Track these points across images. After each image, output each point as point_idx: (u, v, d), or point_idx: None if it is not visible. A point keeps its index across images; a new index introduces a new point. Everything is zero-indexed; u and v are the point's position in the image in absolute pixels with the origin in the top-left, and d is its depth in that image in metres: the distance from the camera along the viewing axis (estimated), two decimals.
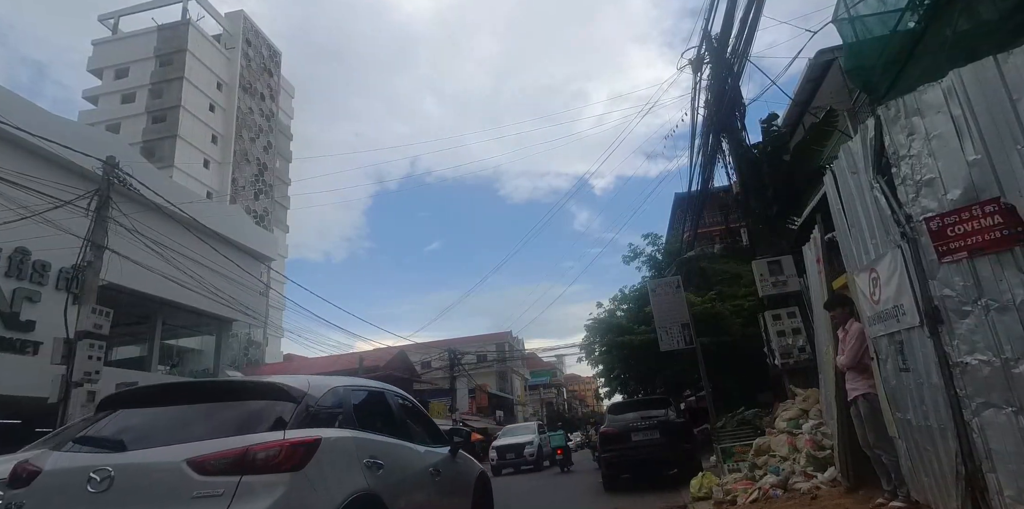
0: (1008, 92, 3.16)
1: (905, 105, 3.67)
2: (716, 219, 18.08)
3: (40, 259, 14.57)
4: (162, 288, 15.56)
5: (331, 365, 31.35)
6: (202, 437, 2.90)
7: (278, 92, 53.11)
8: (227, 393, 3.47)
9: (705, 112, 10.08)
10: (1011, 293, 3.08)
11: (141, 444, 2.97)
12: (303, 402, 3.22)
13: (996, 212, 3.16)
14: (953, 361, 3.41)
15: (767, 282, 8.22)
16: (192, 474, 2.70)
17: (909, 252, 3.68)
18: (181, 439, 2.91)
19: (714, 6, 8.77)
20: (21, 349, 14.13)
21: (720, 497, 6.35)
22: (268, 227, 43.36)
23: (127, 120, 41.78)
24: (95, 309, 11.08)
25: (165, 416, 3.27)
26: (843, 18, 6.58)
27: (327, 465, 2.99)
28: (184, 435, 2.95)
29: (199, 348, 24.37)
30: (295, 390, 3.26)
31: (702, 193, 11.61)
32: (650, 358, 14.28)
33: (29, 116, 13.55)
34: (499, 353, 48.98)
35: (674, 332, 10.01)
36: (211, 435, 2.91)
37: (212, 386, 4.14)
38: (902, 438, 4.29)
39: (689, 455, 10.18)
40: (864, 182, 4.21)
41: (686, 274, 13.41)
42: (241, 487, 2.66)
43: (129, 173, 12.02)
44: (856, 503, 4.83)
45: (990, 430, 3.21)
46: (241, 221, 23.68)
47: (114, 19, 46.70)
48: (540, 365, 69.06)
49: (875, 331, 4.41)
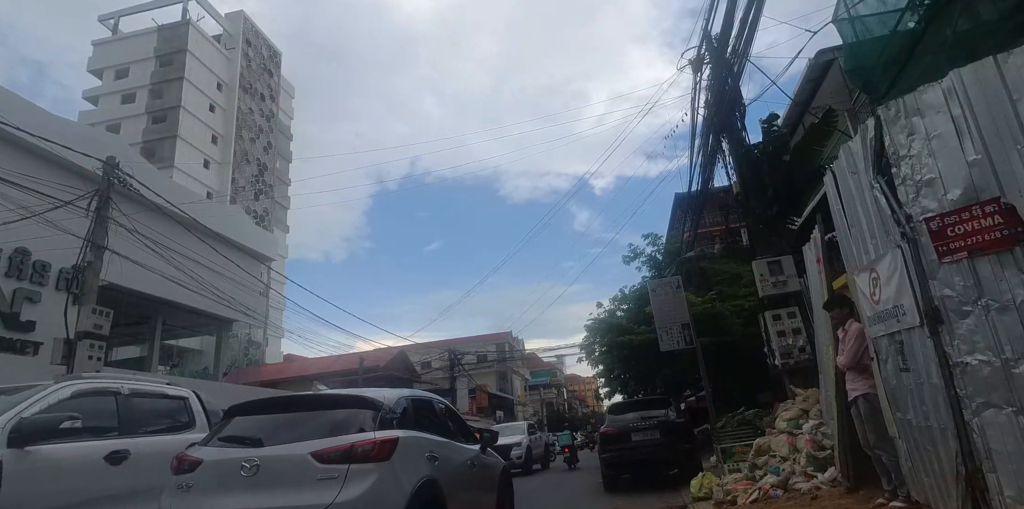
0: (1008, 92, 3.16)
1: (905, 105, 3.67)
2: (716, 219, 18.10)
3: (40, 259, 14.56)
4: (162, 288, 15.55)
5: (331, 365, 31.38)
6: (315, 437, 3.86)
7: (278, 92, 53.12)
8: (323, 403, 4.57)
9: (705, 112, 10.09)
10: (1011, 293, 3.08)
11: (273, 441, 3.93)
12: (381, 409, 4.20)
13: (996, 212, 3.16)
14: (953, 361, 3.41)
15: (767, 282, 8.22)
16: (315, 463, 3.67)
17: (909, 252, 3.68)
18: (300, 438, 3.88)
19: (714, 6, 8.78)
20: (21, 349, 14.13)
21: (720, 497, 6.35)
22: (268, 227, 43.36)
23: (127, 120, 41.78)
24: (95, 309, 11.08)
25: (280, 421, 4.27)
26: (843, 18, 6.58)
27: (404, 457, 3.96)
28: (301, 435, 3.93)
29: (199, 348, 24.38)
30: (375, 401, 4.26)
31: (702, 193, 11.61)
32: (650, 358, 14.28)
33: (29, 116, 13.55)
34: (499, 353, 48.98)
35: (674, 332, 10.02)
36: (319, 435, 3.88)
37: (310, 398, 5.07)
38: (902, 438, 4.29)
39: (689, 455, 10.18)
40: (864, 182, 4.21)
41: (686, 274, 13.41)
42: (350, 472, 3.64)
43: (129, 173, 12.01)
44: (856, 503, 4.83)
45: (990, 430, 3.21)
46: (241, 221, 23.68)
47: (114, 19, 46.70)
48: (540, 365, 69.05)
49: (875, 331, 4.41)
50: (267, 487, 3.69)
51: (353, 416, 4.13)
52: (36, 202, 11.35)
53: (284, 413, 4.41)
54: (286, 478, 3.71)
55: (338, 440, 3.82)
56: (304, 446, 3.79)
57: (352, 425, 4.02)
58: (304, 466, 3.69)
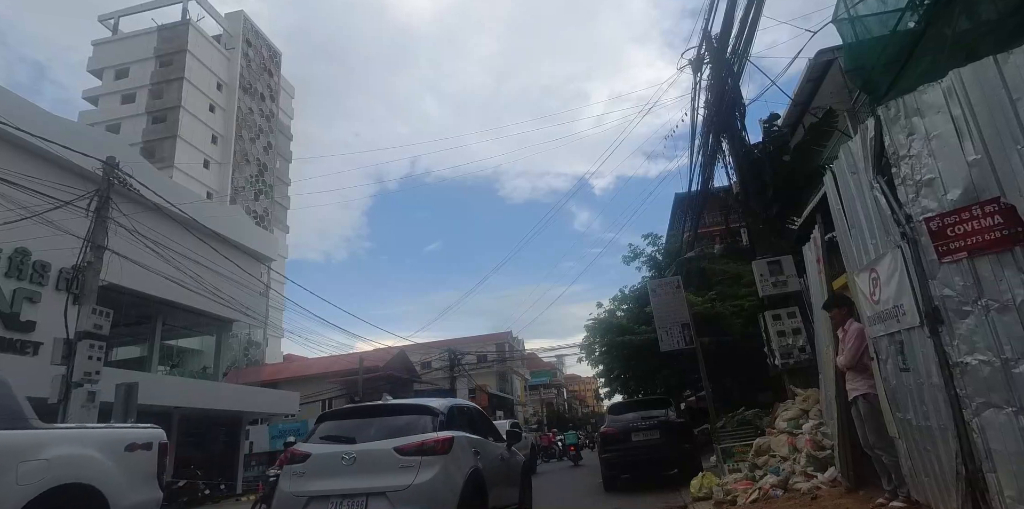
0: (1008, 92, 3.16)
1: (905, 105, 3.67)
2: (716, 219, 18.08)
3: (40, 259, 14.55)
4: (162, 288, 15.54)
5: (331, 365, 31.39)
6: (392, 436, 5.10)
7: (278, 92, 53.12)
8: (393, 410, 5.87)
9: (705, 112, 10.08)
10: (1011, 293, 3.08)
11: (363, 439, 5.14)
12: (437, 415, 5.44)
13: (996, 212, 3.16)
14: (953, 361, 3.41)
15: (767, 282, 8.23)
16: (397, 455, 4.89)
17: (909, 252, 3.68)
18: (382, 437, 5.12)
19: (714, 6, 8.78)
20: (21, 349, 14.11)
21: (720, 497, 6.35)
22: (268, 227, 43.37)
23: (127, 120, 41.79)
24: (95, 309, 11.08)
25: (363, 424, 5.45)
26: (843, 18, 6.58)
27: (458, 451, 5.18)
28: (383, 434, 5.17)
29: (199, 348, 24.36)
30: (433, 408, 5.55)
31: (702, 193, 11.61)
32: (650, 358, 14.27)
33: (29, 116, 13.54)
34: (499, 353, 48.97)
35: (674, 332, 10.02)
36: (396, 435, 5.10)
37: (384, 407, 6.37)
38: (902, 438, 4.29)
39: (689, 455, 10.18)
40: (864, 182, 4.21)
41: (686, 274, 13.40)
42: (422, 462, 4.83)
43: (129, 173, 12.01)
44: (856, 503, 4.83)
45: (990, 430, 3.21)
46: (241, 221, 23.66)
47: (114, 19, 46.70)
48: (540, 365, 69.04)
49: (875, 331, 4.41)
50: (362, 473, 4.90)
51: (417, 420, 5.41)
52: (36, 202, 11.35)
53: (365, 418, 5.67)
54: (376, 466, 4.92)
55: (412, 438, 5.03)
56: (387, 443, 5.03)
57: (418, 427, 5.27)
58: (389, 457, 4.92)
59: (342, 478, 4.91)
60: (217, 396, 19.20)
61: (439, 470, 4.87)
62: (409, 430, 5.20)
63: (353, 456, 4.97)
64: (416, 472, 4.79)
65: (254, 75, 49.67)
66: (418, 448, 4.92)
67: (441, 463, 4.92)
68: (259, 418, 25.99)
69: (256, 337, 39.29)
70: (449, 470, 4.97)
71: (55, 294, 14.61)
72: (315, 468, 5.06)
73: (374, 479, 4.83)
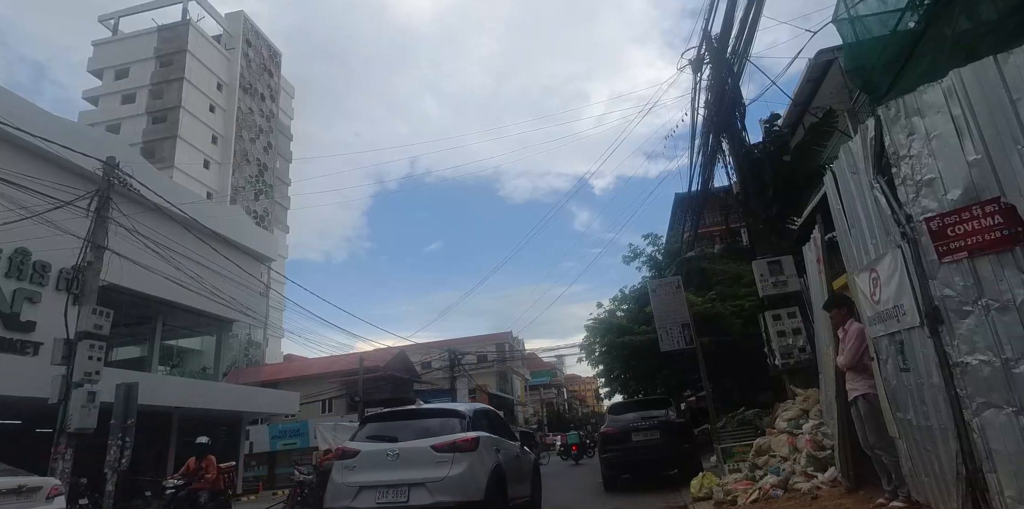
0: (1008, 92, 3.16)
1: (905, 105, 3.67)
2: (716, 219, 18.08)
3: (40, 260, 14.54)
4: (162, 289, 15.53)
5: (331, 365, 31.38)
6: (429, 435, 5.94)
7: (278, 92, 53.11)
8: (428, 414, 6.76)
9: (705, 112, 10.07)
10: (1011, 293, 3.08)
11: (403, 439, 5.99)
12: (465, 417, 6.32)
13: (996, 212, 3.16)
14: (953, 361, 3.41)
15: (767, 282, 8.22)
16: (433, 452, 5.69)
17: (909, 252, 3.67)
18: (420, 436, 5.96)
19: (714, 6, 8.77)
20: (21, 350, 14.11)
21: (720, 497, 6.35)
22: (268, 227, 43.36)
23: (127, 120, 41.79)
24: (95, 310, 11.07)
25: (403, 426, 6.37)
26: (843, 18, 6.57)
27: (484, 449, 5.98)
28: (420, 434, 6.02)
29: (199, 349, 24.34)
30: (461, 411, 6.49)
31: (702, 193, 11.60)
32: (650, 358, 14.27)
33: (29, 116, 13.53)
34: (499, 353, 48.96)
35: (674, 332, 10.01)
36: (431, 434, 5.94)
37: (420, 411, 7.19)
38: (902, 438, 4.29)
39: (689, 455, 10.18)
40: (864, 182, 4.20)
41: (686, 274, 13.39)
42: (454, 458, 5.63)
43: (129, 174, 12.00)
44: (857, 503, 4.82)
45: (990, 430, 3.20)
46: (241, 221, 23.64)
47: (114, 19, 46.71)
48: (540, 365, 69.02)
49: (875, 331, 4.40)
50: (404, 467, 5.71)
51: (448, 422, 6.25)
52: (36, 202, 11.35)
53: (404, 420, 6.59)
54: (415, 461, 5.72)
55: (445, 438, 5.88)
56: (424, 442, 5.87)
57: (449, 428, 6.10)
58: (426, 454, 5.73)
59: (387, 471, 5.76)
60: (217, 396, 19.19)
61: (468, 465, 5.71)
62: (441, 431, 6.06)
63: (396, 453, 5.84)
64: (449, 466, 5.64)
65: (254, 75, 49.67)
66: (451, 446, 5.78)
67: (469, 459, 5.76)
68: (259, 418, 25.99)
69: (256, 337, 39.29)
70: (476, 465, 5.80)
71: (55, 294, 14.61)
72: (364, 463, 5.91)
73: (414, 472, 5.67)
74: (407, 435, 6.08)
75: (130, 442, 10.76)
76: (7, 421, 13.43)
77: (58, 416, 10.46)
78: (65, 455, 10.23)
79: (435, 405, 8.42)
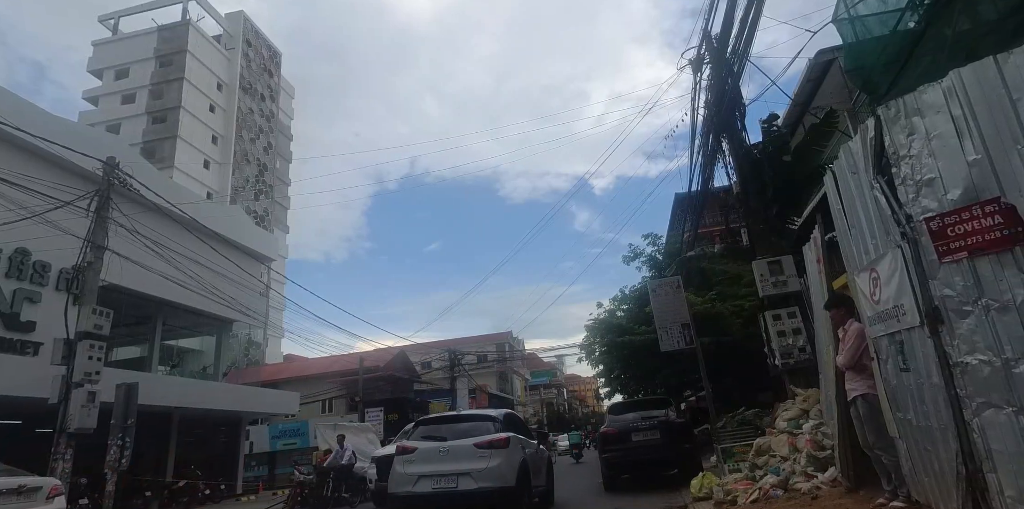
0: (1008, 92, 3.15)
1: (905, 105, 3.67)
2: (716, 219, 18.06)
3: (40, 260, 14.54)
4: (162, 289, 15.53)
5: (330, 365, 31.39)
6: (470, 435, 7.33)
7: (278, 92, 53.12)
8: (469, 418, 8.27)
9: (705, 112, 10.07)
10: (1011, 293, 3.08)
11: (451, 438, 7.39)
12: (498, 421, 7.81)
13: (996, 212, 3.15)
14: (953, 361, 3.41)
15: (767, 282, 8.22)
16: (475, 448, 7.07)
17: (909, 252, 3.67)
18: (464, 436, 7.36)
19: (714, 6, 8.77)
20: (21, 350, 14.10)
21: (720, 497, 6.35)
22: (268, 227, 43.36)
23: (127, 121, 41.80)
24: (95, 310, 11.08)
25: (450, 428, 7.77)
26: (843, 18, 6.57)
27: (513, 446, 7.33)
28: (464, 435, 7.41)
29: (199, 349, 24.34)
30: (494, 416, 8.04)
31: (702, 193, 11.59)
32: (650, 358, 14.27)
33: (29, 116, 13.52)
34: (499, 353, 48.96)
35: (674, 332, 10.00)
36: (473, 435, 7.35)
37: (462, 415, 8.85)
38: (902, 438, 4.29)
39: (689, 455, 10.18)
40: (864, 182, 4.20)
41: (686, 274, 13.38)
42: (492, 453, 6.99)
43: (129, 174, 12.01)
44: (856, 503, 4.82)
45: (991, 430, 3.20)
46: (241, 221, 23.63)
47: (114, 20, 46.71)
48: (540, 365, 69.03)
49: (875, 331, 4.40)
50: (452, 460, 7.14)
51: (485, 425, 7.76)
52: (36, 202, 11.35)
53: (450, 424, 8.09)
54: (461, 456, 7.15)
55: (484, 437, 7.33)
56: (468, 441, 7.30)
57: (486, 429, 7.58)
58: (471, 450, 7.17)
59: (439, 463, 7.18)
60: (217, 396, 19.18)
61: (502, 458, 7.14)
62: (480, 432, 7.52)
63: (446, 449, 7.31)
64: (488, 459, 7.07)
65: (254, 75, 49.67)
66: (489, 444, 7.24)
67: (503, 454, 7.19)
68: (259, 418, 25.97)
69: (256, 337, 39.27)
70: (508, 459, 7.22)
71: (55, 294, 14.60)
72: (420, 457, 7.35)
73: (461, 464, 7.07)
74: (453, 435, 7.54)
75: (130, 442, 10.76)
76: (7, 421, 13.43)
77: (58, 416, 10.47)
78: (65, 455, 10.23)
79: (473, 411, 11.03)
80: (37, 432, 13.03)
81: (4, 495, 7.30)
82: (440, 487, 7.02)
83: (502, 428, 7.66)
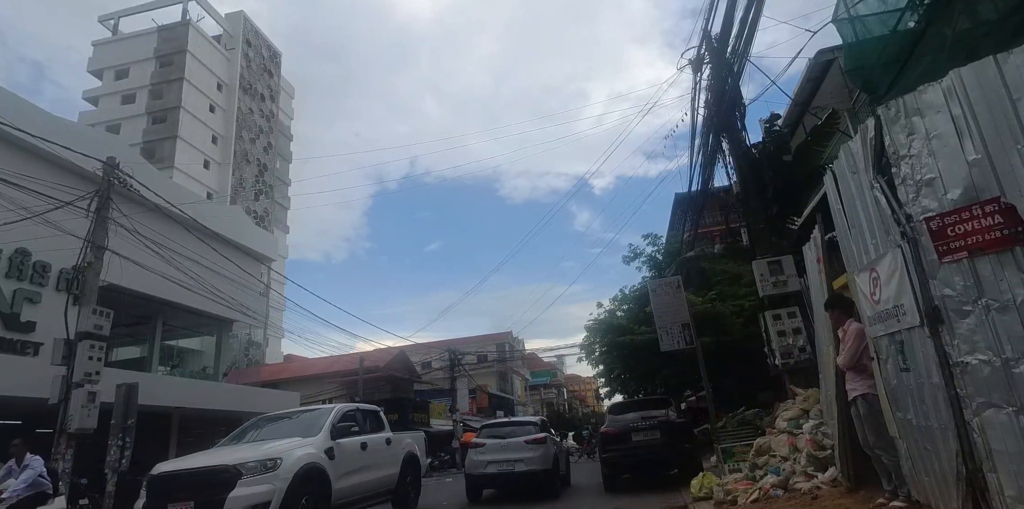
0: (1008, 92, 3.16)
1: (905, 105, 3.67)
2: (716, 219, 18.07)
3: (40, 260, 14.55)
4: (162, 289, 15.54)
5: (331, 366, 31.36)
6: (521, 435, 10.66)
7: (278, 93, 53.09)
8: (518, 423, 11.81)
9: (705, 112, 10.07)
10: (1011, 293, 3.08)
11: (507, 437, 10.71)
12: (538, 424, 11.44)
13: (996, 212, 3.16)
14: (953, 361, 3.41)
15: (767, 282, 8.22)
16: (524, 444, 10.38)
17: (909, 252, 3.67)
18: (516, 436, 10.67)
19: (714, 6, 8.78)
20: (21, 350, 14.11)
21: (721, 497, 6.35)
22: (268, 227, 43.35)
23: (127, 121, 41.77)
24: (95, 310, 11.07)
25: (506, 429, 11.22)
26: (843, 18, 6.58)
27: (548, 442, 10.68)
28: (516, 434, 10.73)
29: (199, 349, 24.35)
30: (535, 421, 11.76)
31: (702, 193, 11.60)
32: (650, 358, 14.27)
33: (29, 116, 13.54)
34: (499, 353, 48.96)
35: (674, 332, 10.00)
36: (522, 434, 10.66)
37: (513, 421, 12.62)
38: (903, 438, 4.29)
39: (689, 455, 10.17)
40: (864, 182, 4.20)
41: (686, 274, 13.39)
42: (535, 447, 10.32)
43: (129, 174, 12.00)
44: (857, 503, 4.82)
45: (991, 430, 3.20)
46: (241, 221, 23.65)
47: (114, 20, 46.69)
48: (540, 365, 69.01)
49: (875, 331, 4.40)
50: (510, 451, 10.13)
51: (528, 427, 11.03)
52: (36, 202, 11.34)
53: (505, 427, 11.32)
54: (516, 448, 10.15)
55: (529, 436, 10.45)
56: (519, 439, 10.37)
57: (529, 430, 10.78)
58: (522, 444, 10.20)
59: (501, 453, 10.25)
60: (217, 396, 19.19)
61: (543, 450, 10.25)
62: (526, 432, 10.71)
63: (505, 444, 10.41)
64: (534, 451, 10.15)
65: (254, 75, 49.66)
66: (533, 441, 10.35)
67: (543, 447, 10.30)
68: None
69: (256, 337, 39.24)
70: (546, 450, 10.34)
71: (55, 294, 14.61)
72: (487, 449, 10.45)
73: (516, 454, 10.13)
74: (509, 434, 10.76)
75: (130, 442, 10.76)
76: (7, 421, 13.43)
77: (58, 416, 10.46)
78: (65, 455, 10.23)
79: (519, 418, 16.46)
80: (37, 432, 13.03)
81: None
82: (502, 469, 10.19)
83: (539, 430, 10.97)
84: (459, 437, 32.22)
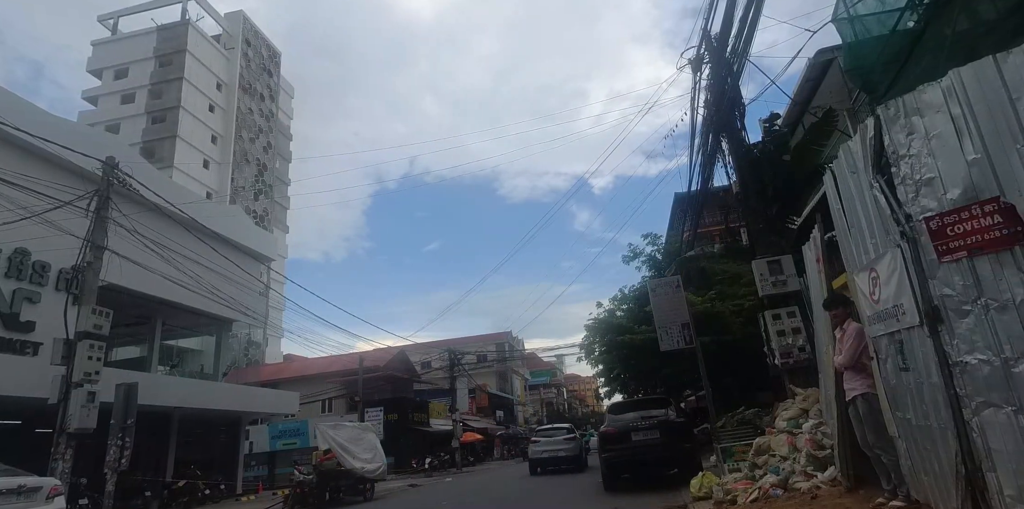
0: (1008, 91, 3.15)
1: (905, 105, 3.67)
2: (716, 219, 18.05)
3: (40, 260, 14.54)
4: (162, 288, 15.54)
5: (330, 365, 31.40)
6: (563, 434, 19.97)
7: (278, 92, 53.10)
8: (557, 428, 21.47)
9: (705, 112, 10.06)
10: (1011, 292, 3.08)
11: (554, 435, 20.03)
12: (569, 427, 21.54)
13: (996, 211, 3.16)
14: (953, 360, 3.41)
15: (767, 282, 8.21)
16: (563, 440, 19.40)
17: (909, 252, 3.67)
18: (559, 434, 19.98)
19: (714, 5, 8.76)
20: (21, 350, 14.10)
21: (720, 497, 6.36)
22: (268, 227, 43.36)
23: (127, 120, 41.80)
24: (95, 310, 11.07)
25: (550, 431, 21.02)
26: (843, 18, 6.58)
27: (577, 438, 20.32)
28: (559, 434, 20.05)
29: (199, 348, 24.35)
30: (568, 427, 21.55)
31: (702, 193, 11.60)
32: (650, 358, 14.26)
33: (28, 116, 13.52)
34: (499, 353, 48.98)
35: (674, 332, 10.00)
36: (563, 434, 20.01)
37: (555, 427, 22.31)
38: (902, 437, 4.29)
39: (689, 455, 10.18)
40: (864, 182, 4.21)
41: (686, 274, 13.37)
42: (570, 441, 19.45)
43: (129, 173, 12.00)
44: (856, 503, 4.83)
45: (990, 429, 3.21)
46: (241, 221, 23.63)
47: (114, 19, 46.70)
48: (540, 365, 69.05)
49: (875, 331, 4.41)
50: (557, 446, 18.87)
51: (564, 430, 20.46)
52: (36, 202, 11.34)
53: (550, 431, 20.94)
54: (560, 443, 18.96)
55: (567, 434, 19.79)
56: (560, 436, 19.60)
57: (565, 432, 20.19)
58: (562, 440, 19.17)
59: (552, 446, 18.57)
60: (217, 396, 19.19)
61: (573, 443, 18.93)
62: (563, 433, 19.58)
63: (551, 440, 18.90)
64: (569, 444, 18.74)
65: (254, 75, 49.66)
66: (570, 438, 19.14)
67: (574, 442, 19.07)
68: (259, 418, 25.98)
69: (256, 337, 39.30)
70: (576, 443, 19.07)
71: (55, 294, 14.61)
72: (543, 444, 18.81)
73: (560, 446, 18.54)
74: (553, 434, 19.53)
75: (130, 442, 10.76)
76: (7, 421, 13.43)
77: (58, 416, 10.46)
78: (65, 455, 10.23)
79: (556, 424, 23.61)
80: (37, 432, 13.04)
81: (4, 495, 7.30)
82: (551, 455, 18.20)
83: (569, 432, 19.61)
84: (459, 437, 32.25)
